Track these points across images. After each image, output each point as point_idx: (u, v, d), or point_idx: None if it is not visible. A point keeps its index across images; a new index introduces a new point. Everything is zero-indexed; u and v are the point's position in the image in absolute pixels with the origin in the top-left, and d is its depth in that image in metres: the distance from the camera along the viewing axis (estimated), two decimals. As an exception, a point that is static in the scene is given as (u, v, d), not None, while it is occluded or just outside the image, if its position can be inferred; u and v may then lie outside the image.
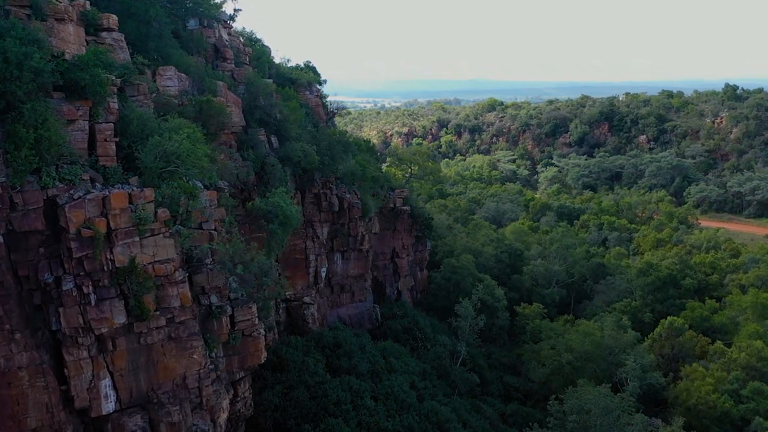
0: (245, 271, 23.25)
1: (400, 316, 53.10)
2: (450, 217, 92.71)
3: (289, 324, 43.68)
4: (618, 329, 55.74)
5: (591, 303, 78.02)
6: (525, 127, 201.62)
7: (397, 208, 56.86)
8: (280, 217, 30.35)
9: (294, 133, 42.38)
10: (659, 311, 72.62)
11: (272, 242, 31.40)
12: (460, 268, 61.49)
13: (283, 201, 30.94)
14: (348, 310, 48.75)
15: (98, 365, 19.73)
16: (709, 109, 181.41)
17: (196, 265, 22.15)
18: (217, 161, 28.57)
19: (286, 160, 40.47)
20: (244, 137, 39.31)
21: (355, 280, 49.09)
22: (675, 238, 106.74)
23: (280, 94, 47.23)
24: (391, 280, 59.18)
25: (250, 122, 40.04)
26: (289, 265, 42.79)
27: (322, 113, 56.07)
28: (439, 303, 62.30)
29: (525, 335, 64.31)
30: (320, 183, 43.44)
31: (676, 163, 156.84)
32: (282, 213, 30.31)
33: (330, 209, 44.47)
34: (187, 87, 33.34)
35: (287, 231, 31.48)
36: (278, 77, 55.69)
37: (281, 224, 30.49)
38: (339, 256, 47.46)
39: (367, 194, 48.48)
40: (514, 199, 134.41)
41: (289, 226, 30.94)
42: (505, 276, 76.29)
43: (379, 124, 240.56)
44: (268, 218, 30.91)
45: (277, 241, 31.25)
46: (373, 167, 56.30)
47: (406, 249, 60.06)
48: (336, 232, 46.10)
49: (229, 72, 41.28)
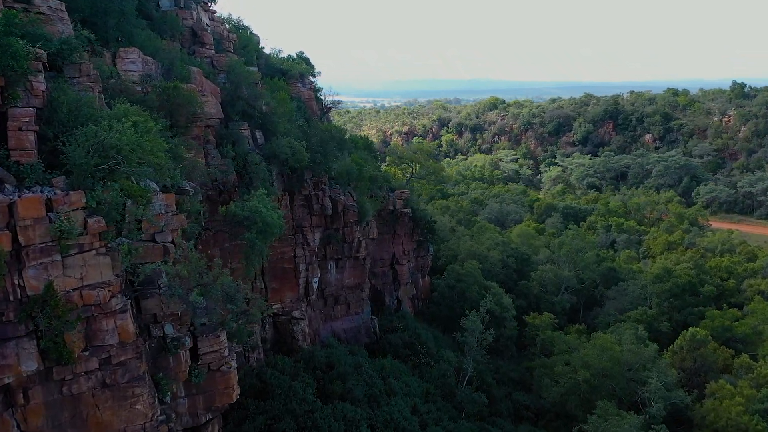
0: (205, 296, 18.64)
1: (401, 329, 48.49)
2: (452, 219, 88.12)
3: (277, 341, 39.10)
4: (637, 342, 51.16)
5: (602, 311, 73.50)
6: (527, 126, 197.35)
7: (397, 211, 52.25)
8: (259, 224, 25.77)
9: (282, 128, 37.80)
10: (677, 320, 68.07)
11: (251, 254, 26.82)
12: (465, 275, 56.89)
13: (264, 205, 26.36)
14: (343, 323, 44.15)
15: (4, 425, 15.09)
16: (716, 107, 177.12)
17: (145, 288, 17.57)
18: (185, 158, 23.96)
19: (272, 158, 35.89)
20: (224, 132, 34.74)
21: (350, 291, 44.48)
22: (687, 240, 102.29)
23: (268, 85, 42.68)
24: (390, 288, 54.59)
25: (232, 115, 35.46)
26: (277, 276, 38.20)
27: (315, 107, 51.47)
28: (442, 313, 57.69)
29: (535, 347, 59.71)
30: (311, 183, 38.84)
31: (684, 163, 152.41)
32: (261, 219, 25.73)
33: (322, 213, 39.85)
34: (153, 72, 28.74)
35: (268, 240, 26.92)
36: (267, 68, 51.06)
37: (261, 233, 25.92)
38: (333, 264, 42.84)
39: (363, 196, 43.88)
40: (518, 200, 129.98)
41: (269, 235, 26.36)
42: (512, 282, 71.72)
43: (378, 123, 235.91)
44: (245, 226, 26.33)
45: (256, 252, 26.67)
46: (371, 166, 51.70)
47: (406, 255, 55.47)
48: (329, 238, 41.47)
49: (208, 59, 36.72)
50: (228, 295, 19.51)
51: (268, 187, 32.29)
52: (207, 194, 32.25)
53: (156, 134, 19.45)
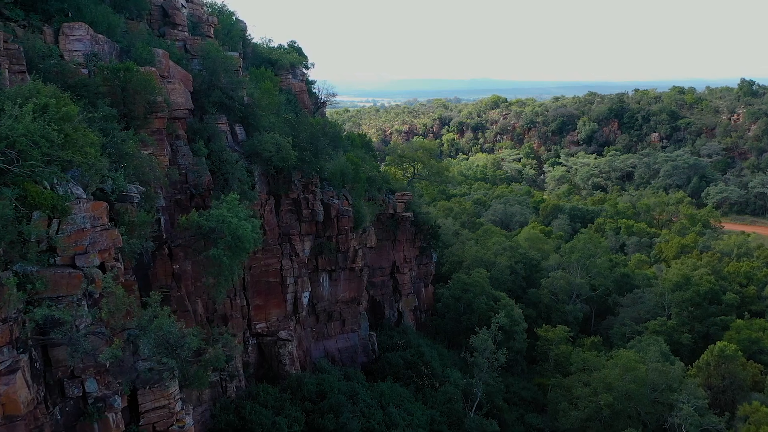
0: (140, 342, 13.87)
1: (402, 347, 43.65)
2: (456, 221, 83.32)
3: (261, 364, 34.26)
4: (663, 360, 46.38)
5: (617, 320, 68.75)
6: (530, 125, 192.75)
7: (397, 215, 47.42)
8: (227, 237, 21.00)
9: (266, 122, 32.98)
10: (698, 331, 63.46)
11: (218, 274, 22.00)
12: (472, 284, 52.05)
13: (234, 214, 21.56)
14: (337, 342, 39.33)
15: None
16: (724, 105, 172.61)
17: (53, 333, 12.80)
18: (136, 156, 19.18)
19: (253, 156, 31.08)
20: (197, 126, 29.94)
21: (346, 306, 39.65)
22: (701, 244, 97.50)
23: (252, 75, 37.88)
24: (390, 299, 49.76)
25: (207, 106, 30.64)
26: (261, 291, 33.38)
27: (307, 101, 46.67)
28: (447, 326, 52.88)
29: (547, 362, 54.96)
30: (300, 186, 34.02)
31: (694, 162, 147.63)
32: (230, 232, 20.93)
33: (313, 219, 35.02)
34: (106, 52, 23.93)
35: (239, 257, 22.12)
36: (255, 58, 46.33)
37: (230, 248, 21.13)
38: (325, 277, 38.01)
39: (360, 199, 39.08)
40: (522, 201, 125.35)
41: (240, 251, 21.54)
42: (520, 290, 66.98)
43: (378, 122, 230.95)
44: (210, 239, 21.54)
45: (225, 272, 21.85)
46: (369, 166, 46.92)
47: (408, 263, 50.64)
48: (321, 247, 36.65)
49: (181, 42, 31.88)
50: (167, 343, 14.70)
51: (247, 190, 27.51)
52: (175, 199, 27.49)
53: (82, 123, 14.66)
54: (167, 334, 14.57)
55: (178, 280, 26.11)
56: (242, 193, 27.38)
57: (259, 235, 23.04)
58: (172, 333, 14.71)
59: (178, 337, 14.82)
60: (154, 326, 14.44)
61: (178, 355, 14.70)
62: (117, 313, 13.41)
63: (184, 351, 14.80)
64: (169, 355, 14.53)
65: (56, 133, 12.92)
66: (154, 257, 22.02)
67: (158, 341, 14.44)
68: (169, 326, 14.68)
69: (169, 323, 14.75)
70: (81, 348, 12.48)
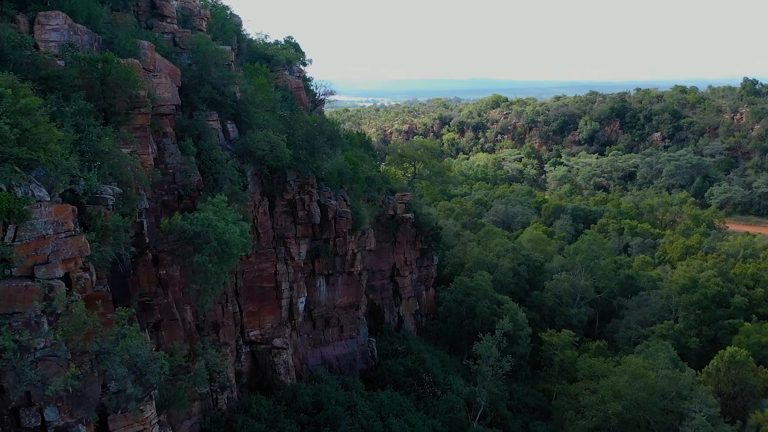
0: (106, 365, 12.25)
1: (402, 353, 42.05)
2: (457, 222, 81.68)
3: (255, 373, 32.67)
4: (673, 366, 44.76)
5: (621, 323, 67.19)
6: (531, 124, 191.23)
7: (398, 216, 45.81)
8: (213, 242, 19.36)
9: (260, 119, 31.37)
10: (706, 335, 61.85)
11: (204, 283, 20.35)
12: (474, 288, 50.42)
13: (220, 216, 19.93)
14: (335, 349, 37.71)
15: None
16: (727, 104, 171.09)
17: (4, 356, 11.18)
18: (113, 155, 17.59)
19: (246, 155, 29.48)
20: (187, 123, 28.34)
21: (344, 312, 38.03)
22: (706, 245, 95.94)
23: (246, 71, 36.29)
24: (390, 303, 48.15)
25: (197, 102, 29.04)
26: (254, 297, 31.77)
27: (305, 98, 45.06)
28: (449, 330, 51.25)
29: (552, 368, 53.36)
30: (295, 186, 32.41)
31: (697, 162, 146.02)
32: (216, 237, 19.28)
33: (309, 221, 33.41)
34: (86, 43, 22.33)
35: (226, 264, 20.46)
36: (250, 54, 44.73)
37: (216, 254, 19.50)
38: (322, 281, 36.39)
39: (359, 200, 37.47)
40: (524, 201, 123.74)
41: (228, 258, 19.88)
42: (523, 292, 65.36)
43: (378, 121, 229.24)
44: (195, 245, 19.89)
45: (210, 280, 20.20)
46: (369, 165, 45.29)
47: (408, 265, 49.03)
48: (318, 250, 35.04)
49: (169, 35, 30.26)
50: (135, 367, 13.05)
51: (238, 191, 25.91)
52: (162, 200, 25.89)
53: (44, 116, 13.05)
54: (135, 357, 12.94)
55: (165, 287, 24.53)
56: (233, 194, 25.78)
57: (248, 240, 21.40)
58: (140, 356, 13.07)
59: (148, 361, 13.16)
60: (120, 348, 12.81)
61: (147, 380, 13.06)
62: (77, 332, 11.81)
63: (154, 376, 13.15)
64: (137, 381, 12.90)
65: (8, 128, 11.37)
66: (135, 263, 20.43)
67: (125, 364, 12.81)
68: (136, 348, 13.03)
69: (137, 345, 13.08)
70: (26, 378, 10.88)
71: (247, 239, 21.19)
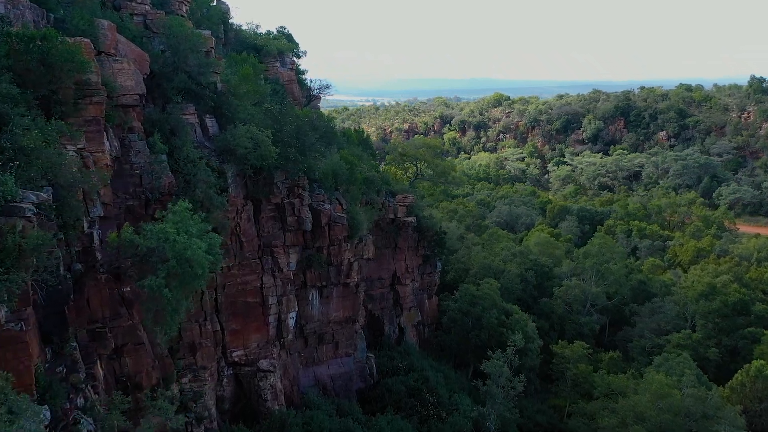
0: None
1: (404, 370, 38.46)
2: (460, 224, 78.01)
3: (239, 399, 29.09)
4: (699, 384, 41.21)
5: (634, 331, 63.66)
6: (534, 123, 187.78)
7: (398, 220, 42.24)
8: (171, 262, 15.73)
9: (244, 114, 27.79)
10: (725, 345, 58.26)
11: (161, 309, 16.64)
12: (481, 297, 46.78)
13: (183, 228, 16.32)
14: (330, 368, 34.12)
15: None
16: (734, 103, 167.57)
17: None
18: (43, 153, 14.01)
19: (226, 154, 25.90)
20: (158, 116, 24.78)
21: (339, 327, 34.43)
22: (718, 247, 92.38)
23: (230, 60, 32.70)
24: (390, 314, 44.57)
25: (170, 93, 25.47)
26: (237, 313, 28.19)
27: (297, 92, 41.53)
28: (453, 342, 47.59)
29: (564, 382, 49.76)
30: (284, 189, 28.84)
31: (705, 161, 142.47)
32: (174, 254, 15.60)
33: (299, 227, 29.83)
34: (29, 20, 18.74)
35: (188, 287, 16.81)
36: (238, 44, 41.19)
37: (174, 276, 15.87)
38: (315, 294, 32.79)
39: (356, 203, 33.88)
40: (528, 202, 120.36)
41: (190, 279, 16.15)
42: (531, 299, 61.81)
43: (378, 120, 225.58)
44: (149, 264, 16.25)
45: (167, 308, 16.50)
46: (367, 165, 41.71)
47: (410, 273, 45.47)
48: (310, 260, 31.44)
49: (140, 16, 26.65)
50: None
51: (213, 195, 22.32)
52: (126, 206, 22.32)
53: None
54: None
55: (130, 306, 20.92)
56: (207, 198, 22.21)
57: (218, 257, 17.80)
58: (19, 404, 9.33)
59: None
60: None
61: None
62: None
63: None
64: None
65: None
66: (82, 284, 16.84)
67: None
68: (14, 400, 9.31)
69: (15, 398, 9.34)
70: None
71: (217, 256, 17.58)
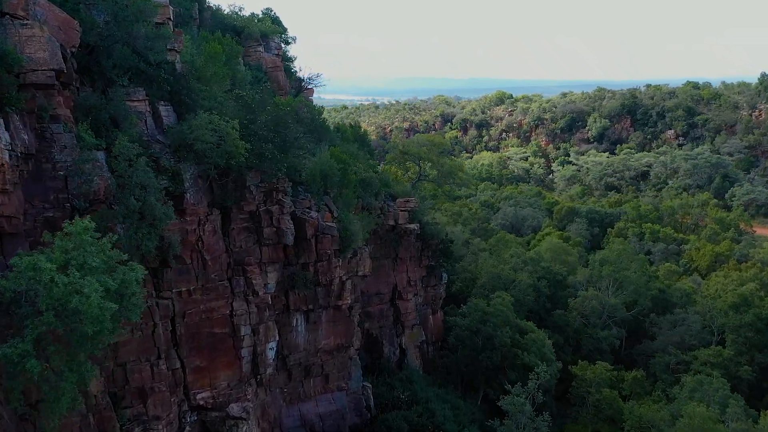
0: None
1: (406, 402, 33.13)
2: (465, 228, 72.63)
3: (206, 450, 23.74)
4: (745, 417, 35.93)
5: (654, 345, 58.35)
6: (538, 122, 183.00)
7: (400, 227, 36.89)
8: (47, 315, 10.25)
9: (210, 101, 22.43)
10: (758, 362, 52.93)
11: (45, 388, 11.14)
12: (492, 314, 41.36)
13: (78, 260, 10.83)
14: (318, 405, 28.75)
15: None
16: (744, 101, 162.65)
17: None
18: None
19: (183, 150, 20.55)
20: (95, 102, 19.45)
21: (329, 357, 29.05)
22: (737, 252, 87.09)
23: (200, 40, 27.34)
24: (390, 333, 39.25)
25: (112, 74, 20.13)
26: (202, 347, 22.86)
27: (283, 80, 36.18)
28: (461, 364, 42.17)
29: (585, 408, 44.42)
30: (259, 194, 23.46)
31: (716, 161, 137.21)
32: (51, 302, 10.11)
33: (279, 241, 24.48)
34: None
35: (80, 351, 11.30)
36: (216, 25, 35.80)
37: (53, 339, 10.42)
38: (300, 319, 27.41)
39: (349, 210, 28.50)
40: (534, 203, 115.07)
41: (80, 342, 10.67)
42: (544, 311, 56.52)
43: (377, 119, 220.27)
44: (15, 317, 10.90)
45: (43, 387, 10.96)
46: (364, 164, 36.37)
47: (413, 286, 40.17)
48: (293, 279, 26.07)
49: (75, -22, 21.27)
50: None
51: (154, 204, 17.00)
52: (44, 218, 16.98)
53: None
54: None
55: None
56: (147, 208, 16.87)
57: (136, 302, 12.38)
58: None
59: None
60: None
61: None
62: None
63: None
64: None
65: None
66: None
67: None
68: None
69: None
70: None
71: (134, 300, 12.16)
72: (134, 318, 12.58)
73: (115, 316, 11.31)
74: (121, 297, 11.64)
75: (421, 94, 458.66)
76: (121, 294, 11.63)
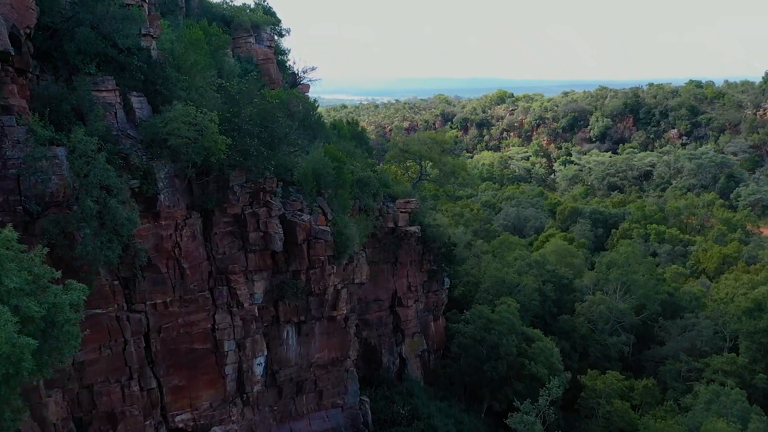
0: None
1: (406, 418, 30.94)
2: (467, 229, 70.38)
3: (186, 477, 21.51)
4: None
5: (664, 351, 56.18)
6: (539, 121, 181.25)
7: (400, 230, 34.68)
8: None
9: (188, 92, 20.21)
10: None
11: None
12: (498, 322, 39.09)
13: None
14: (312, 424, 26.51)
15: None
16: (748, 100, 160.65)
17: None
18: None
19: (156, 145, 18.32)
20: (58, 92, 17.23)
21: (324, 371, 26.81)
22: (746, 253, 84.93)
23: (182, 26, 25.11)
24: (390, 342, 37.06)
25: (76, 60, 17.91)
26: (180, 364, 20.64)
27: (275, 74, 33.93)
28: (465, 374, 39.92)
29: (595, 420, 42.23)
30: (245, 195, 21.22)
31: (721, 160, 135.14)
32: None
33: (267, 247, 22.22)
34: None
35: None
36: (204, 14, 33.57)
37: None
38: (291, 331, 25.16)
39: (345, 212, 26.26)
40: (536, 203, 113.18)
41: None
42: (550, 316, 54.36)
43: (377, 118, 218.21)
44: None
45: None
46: (361, 163, 34.16)
47: (413, 292, 37.98)
48: (283, 288, 23.81)
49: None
50: None
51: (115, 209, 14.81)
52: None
53: None
54: None
55: None
56: (108, 212, 14.64)
57: (73, 332, 10.13)
58: None
59: None
60: None
61: None
62: None
63: None
64: None
65: None
66: None
67: None
68: None
69: None
70: None
71: (62, 335, 9.90)
72: (69, 352, 10.29)
73: (45, 350, 9.14)
74: (51, 325, 9.45)
75: (422, 94, 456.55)
76: (51, 321, 9.45)
